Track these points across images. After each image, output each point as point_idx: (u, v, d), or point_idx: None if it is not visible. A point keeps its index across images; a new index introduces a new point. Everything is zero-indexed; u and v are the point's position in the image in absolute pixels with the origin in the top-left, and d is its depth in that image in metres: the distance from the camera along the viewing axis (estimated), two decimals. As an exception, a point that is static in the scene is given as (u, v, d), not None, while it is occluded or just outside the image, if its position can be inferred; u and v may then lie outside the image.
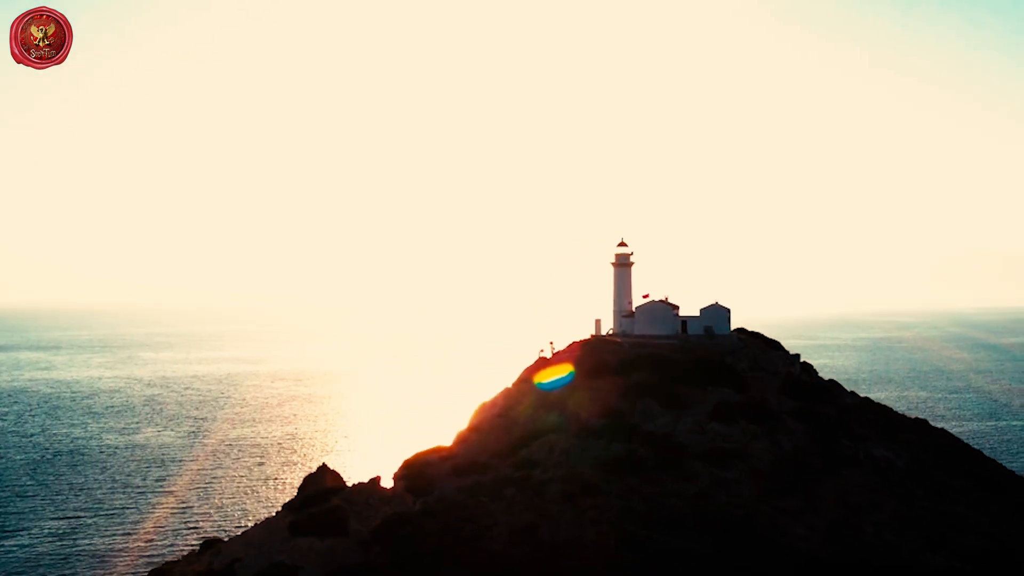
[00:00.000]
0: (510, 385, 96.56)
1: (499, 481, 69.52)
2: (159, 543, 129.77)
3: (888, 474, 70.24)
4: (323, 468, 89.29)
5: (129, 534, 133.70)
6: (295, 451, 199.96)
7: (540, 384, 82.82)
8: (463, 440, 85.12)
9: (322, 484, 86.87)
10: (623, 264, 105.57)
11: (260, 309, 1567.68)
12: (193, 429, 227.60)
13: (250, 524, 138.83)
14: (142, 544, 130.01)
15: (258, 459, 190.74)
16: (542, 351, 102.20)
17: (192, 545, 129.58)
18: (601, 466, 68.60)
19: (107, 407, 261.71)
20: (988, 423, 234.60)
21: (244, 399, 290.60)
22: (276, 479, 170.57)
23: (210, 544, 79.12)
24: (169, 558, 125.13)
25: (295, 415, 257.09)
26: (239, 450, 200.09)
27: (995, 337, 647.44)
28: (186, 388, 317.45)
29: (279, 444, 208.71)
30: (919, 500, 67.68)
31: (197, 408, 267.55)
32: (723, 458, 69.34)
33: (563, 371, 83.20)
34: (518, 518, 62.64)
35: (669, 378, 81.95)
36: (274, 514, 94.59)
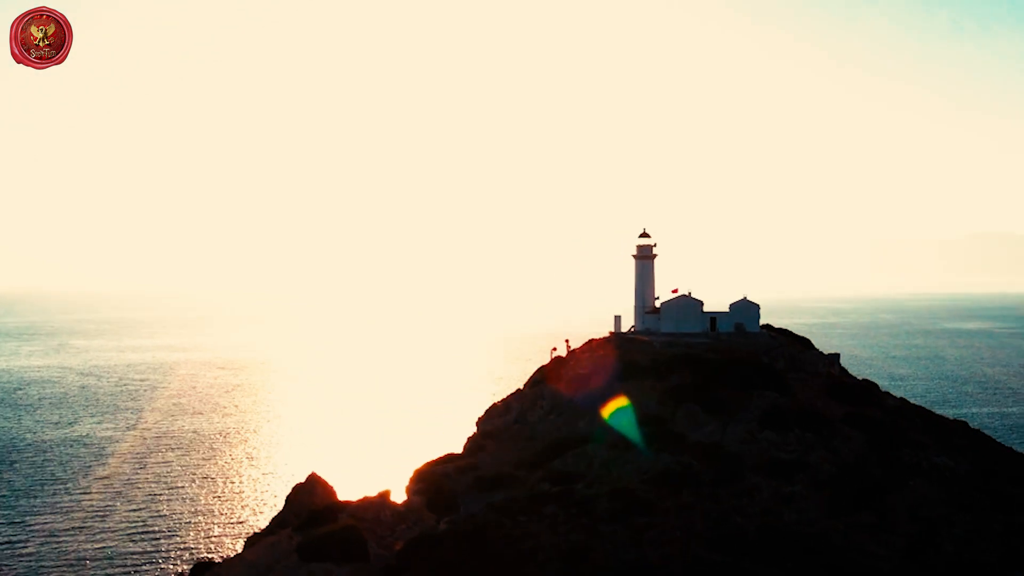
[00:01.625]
0: (522, 387, 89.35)
1: (535, 497, 62.59)
2: (117, 549, 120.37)
3: (953, 484, 64.90)
4: (313, 478, 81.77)
5: (80, 539, 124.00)
6: (243, 444, 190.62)
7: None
8: (478, 448, 77.78)
9: (312, 496, 79.36)
10: (645, 256, 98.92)
11: (194, 294, 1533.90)
12: (133, 421, 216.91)
13: (214, 526, 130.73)
14: (98, 549, 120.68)
15: (205, 454, 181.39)
16: (555, 349, 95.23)
17: (152, 551, 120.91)
18: (650, 480, 62.12)
19: (41, 399, 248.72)
20: (946, 412, 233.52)
21: (182, 389, 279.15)
22: (231, 475, 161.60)
23: (203, 568, 70.86)
24: (128, 567, 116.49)
25: (238, 406, 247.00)
26: (184, 443, 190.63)
27: (932, 323, 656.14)
28: (121, 378, 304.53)
29: (225, 437, 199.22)
30: (989, 512, 62.32)
31: (134, 399, 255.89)
32: (782, 470, 63.31)
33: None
34: (565, 540, 55.93)
35: (709, 381, 75.66)
36: (263, 528, 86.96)
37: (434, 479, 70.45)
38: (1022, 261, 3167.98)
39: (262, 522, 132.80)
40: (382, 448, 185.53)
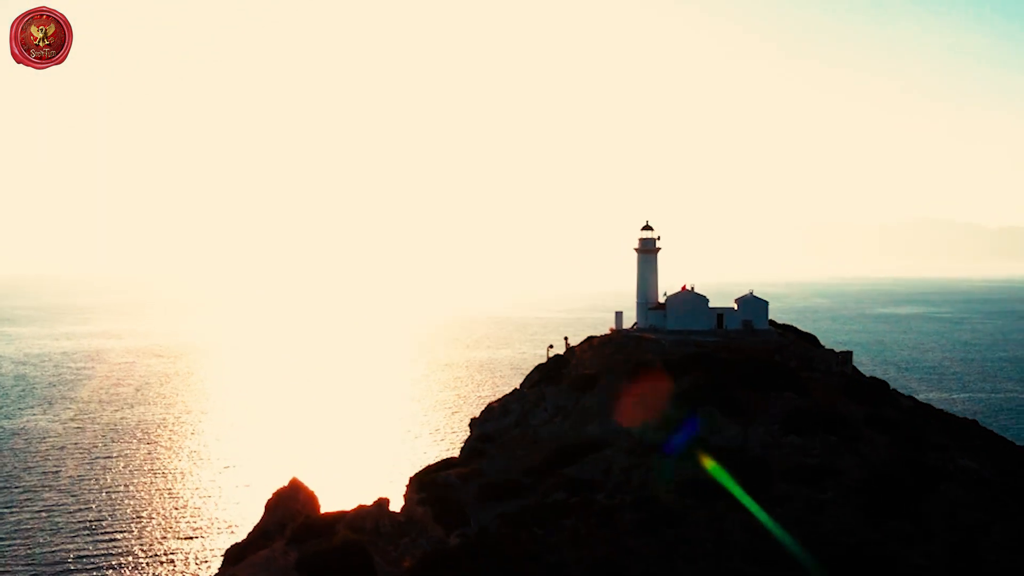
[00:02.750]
0: (519, 387, 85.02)
1: (550, 507, 58.73)
2: (66, 552, 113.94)
3: (981, 488, 62.35)
4: (295, 483, 77.12)
5: (23, 542, 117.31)
6: (190, 438, 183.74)
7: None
8: (478, 453, 73.44)
9: (296, 503, 74.66)
10: (648, 250, 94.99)
11: (122, 278, 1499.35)
12: (73, 412, 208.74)
13: (169, 526, 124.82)
14: (45, 552, 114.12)
15: (149, 446, 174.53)
16: (551, 347, 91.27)
17: (104, 553, 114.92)
18: (676, 489, 58.49)
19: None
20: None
21: (122, 378, 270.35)
22: (180, 471, 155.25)
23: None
24: (80, 572, 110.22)
25: (179, 395, 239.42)
26: (128, 436, 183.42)
27: (870, 308, 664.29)
28: (56, 366, 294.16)
29: (170, 428, 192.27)
30: (1021, 517, 59.79)
31: (72, 388, 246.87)
32: (811, 476, 60.20)
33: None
34: (590, 554, 52.24)
35: (724, 381, 72.09)
36: (244, 538, 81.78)
37: (436, 487, 66.00)
38: (956, 246, 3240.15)
39: (219, 519, 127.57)
40: (342, 444, 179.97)
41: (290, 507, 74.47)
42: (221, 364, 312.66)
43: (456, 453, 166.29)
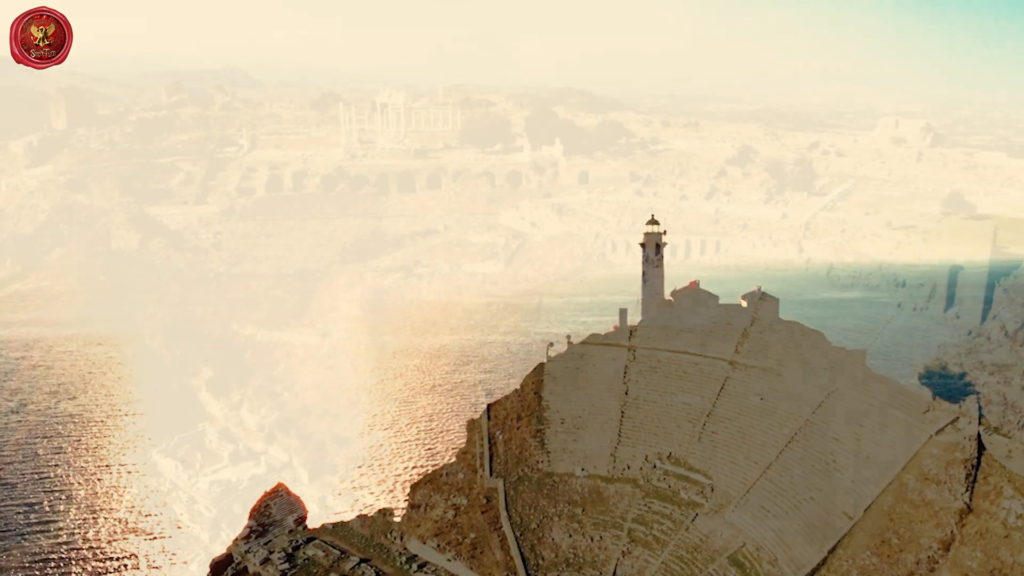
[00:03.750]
0: (520, 387, 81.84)
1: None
2: (14, 556, 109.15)
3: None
4: (282, 489, 73.57)
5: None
6: (146, 429, 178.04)
7: None
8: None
9: (289, 508, 71.23)
10: (654, 244, 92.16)
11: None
12: (12, 406, 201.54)
13: (128, 527, 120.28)
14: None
15: (98, 441, 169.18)
16: (552, 345, 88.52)
17: (64, 558, 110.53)
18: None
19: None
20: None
21: (63, 368, 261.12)
22: (135, 466, 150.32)
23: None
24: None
25: (123, 386, 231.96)
26: (75, 430, 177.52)
27: (813, 292, 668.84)
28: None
29: (118, 422, 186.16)
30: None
31: (9, 379, 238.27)
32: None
33: None
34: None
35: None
36: (227, 548, 77.81)
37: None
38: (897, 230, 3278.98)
39: (182, 518, 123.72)
40: (306, 439, 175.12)
41: (285, 511, 70.82)
42: (163, 352, 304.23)
43: (422, 449, 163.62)
